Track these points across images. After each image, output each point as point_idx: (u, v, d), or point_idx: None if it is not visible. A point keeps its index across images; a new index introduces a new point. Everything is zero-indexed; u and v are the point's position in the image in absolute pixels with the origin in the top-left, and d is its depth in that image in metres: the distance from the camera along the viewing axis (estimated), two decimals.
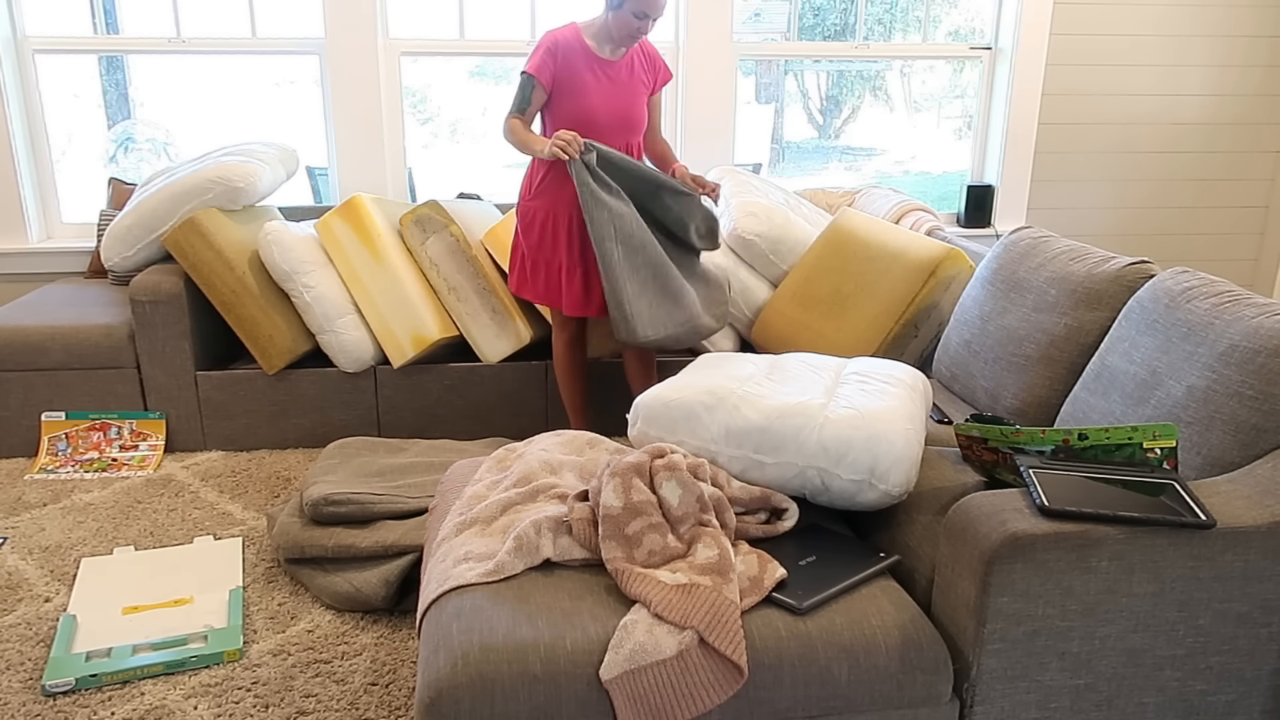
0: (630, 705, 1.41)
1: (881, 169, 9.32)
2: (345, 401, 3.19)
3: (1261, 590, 1.52)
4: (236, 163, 3.20)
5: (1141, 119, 4.17)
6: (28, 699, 1.94)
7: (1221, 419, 1.70)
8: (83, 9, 5.24)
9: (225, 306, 3.05)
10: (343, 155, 3.80)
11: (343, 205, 3.16)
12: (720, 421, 1.81)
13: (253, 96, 8.41)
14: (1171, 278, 1.97)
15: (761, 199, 3.34)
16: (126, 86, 6.89)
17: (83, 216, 4.03)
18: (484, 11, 4.14)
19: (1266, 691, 1.60)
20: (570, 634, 1.46)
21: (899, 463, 1.70)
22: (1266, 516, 1.51)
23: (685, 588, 1.52)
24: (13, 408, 3.09)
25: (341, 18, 3.65)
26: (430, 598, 1.60)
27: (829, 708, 1.49)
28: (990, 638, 1.49)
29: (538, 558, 1.63)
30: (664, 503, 1.65)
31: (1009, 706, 1.54)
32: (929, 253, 2.81)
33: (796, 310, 3.08)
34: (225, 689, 1.97)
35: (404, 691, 1.97)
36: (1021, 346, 2.29)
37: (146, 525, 2.67)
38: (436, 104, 9.95)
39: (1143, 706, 1.57)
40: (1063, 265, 2.29)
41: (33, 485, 2.92)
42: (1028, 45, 3.98)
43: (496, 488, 1.90)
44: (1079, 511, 1.48)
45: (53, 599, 2.30)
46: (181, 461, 3.10)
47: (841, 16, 4.75)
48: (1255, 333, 1.70)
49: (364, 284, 3.10)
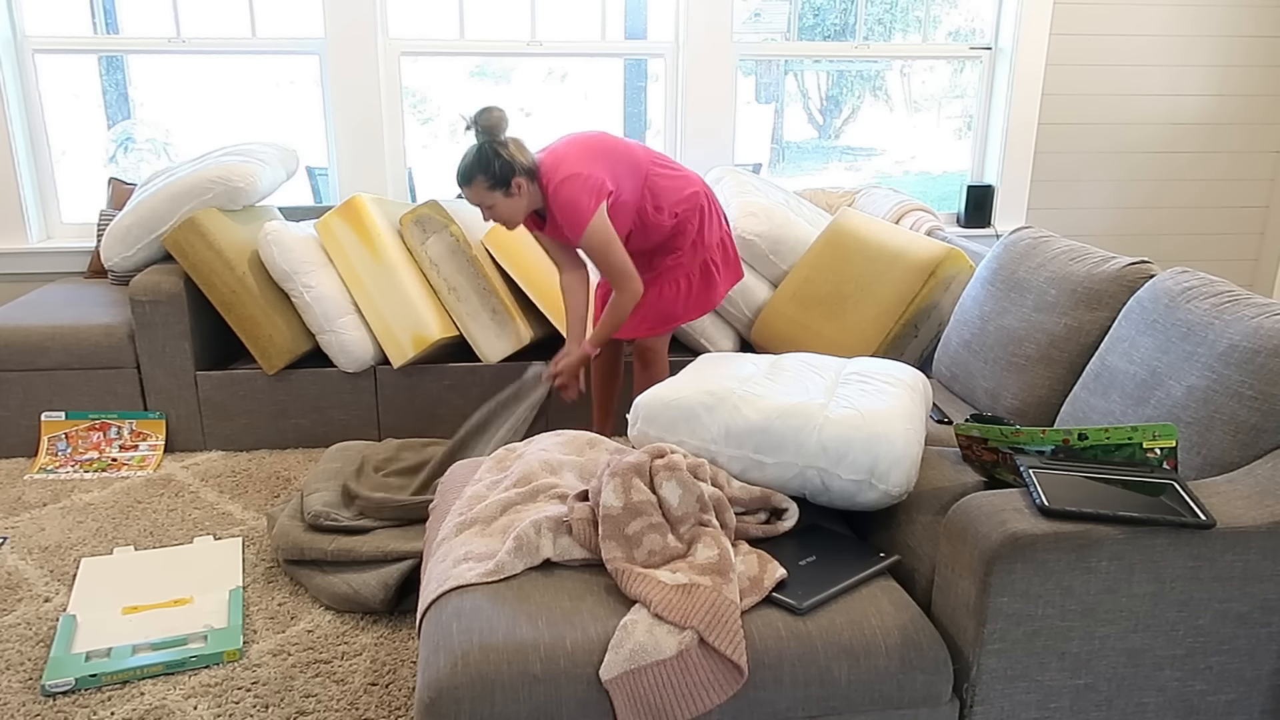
0: (630, 705, 1.41)
1: (881, 169, 9.32)
2: (345, 401, 3.19)
3: (1261, 590, 1.52)
4: (236, 163, 3.20)
5: (1142, 119, 4.17)
6: (27, 699, 1.94)
7: (1221, 419, 1.70)
8: (83, 9, 5.25)
9: (225, 306, 3.05)
10: (343, 155, 3.80)
11: (343, 205, 3.16)
12: (720, 421, 1.81)
13: (253, 96, 8.40)
14: (1171, 278, 1.97)
15: (761, 199, 3.34)
16: (126, 86, 6.89)
17: (83, 216, 4.02)
18: (484, 11, 4.14)
19: (1266, 691, 1.60)
20: (570, 634, 1.46)
21: (899, 463, 1.70)
22: (1266, 516, 1.51)
23: (685, 588, 1.52)
24: (13, 408, 3.09)
25: (341, 18, 3.65)
26: (430, 598, 1.60)
27: (829, 708, 1.49)
28: (990, 638, 1.49)
29: (538, 558, 1.63)
30: (664, 503, 1.65)
31: (1009, 706, 1.54)
32: (929, 253, 2.81)
33: (796, 310, 3.08)
34: (225, 689, 1.97)
35: (404, 691, 1.97)
36: (1021, 346, 2.29)
37: (146, 525, 2.67)
38: (436, 104, 9.94)
39: (1143, 706, 1.57)
40: (1063, 265, 2.29)
41: (33, 485, 2.92)
42: (1027, 45, 3.98)
43: (496, 488, 1.90)
44: (1079, 511, 1.47)
45: (53, 599, 2.30)
46: (181, 461, 3.10)
47: (841, 16, 4.75)
48: (1255, 333, 1.70)
49: (364, 284, 3.10)
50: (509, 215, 2.55)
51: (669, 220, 2.66)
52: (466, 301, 3.15)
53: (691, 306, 2.76)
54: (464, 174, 2.50)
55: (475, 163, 2.48)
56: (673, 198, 2.66)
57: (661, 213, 2.65)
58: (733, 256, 2.83)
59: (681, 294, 2.74)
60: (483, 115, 2.48)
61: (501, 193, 2.50)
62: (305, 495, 2.44)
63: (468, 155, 2.50)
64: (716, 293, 2.79)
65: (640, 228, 2.67)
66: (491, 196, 2.50)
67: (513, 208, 2.53)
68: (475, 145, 2.50)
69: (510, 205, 2.52)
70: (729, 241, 2.82)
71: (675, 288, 2.73)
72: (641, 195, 2.62)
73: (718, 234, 2.76)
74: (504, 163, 2.47)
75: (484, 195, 2.50)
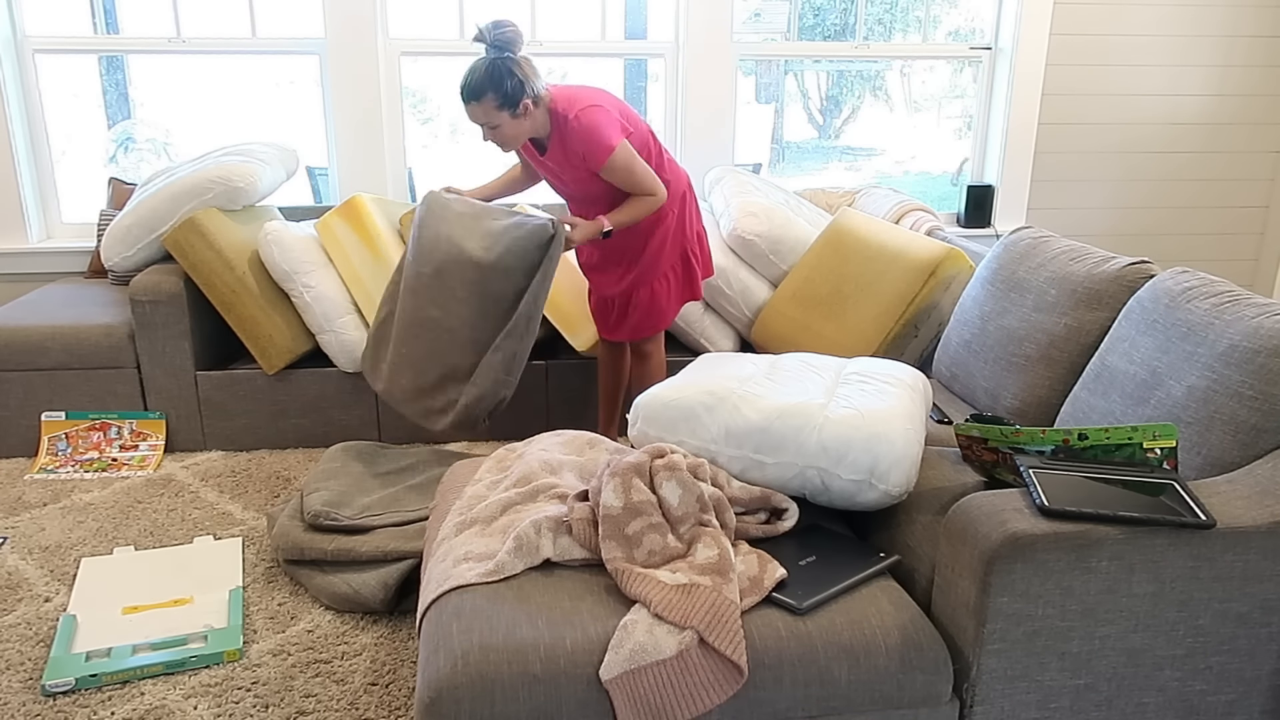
0: (630, 705, 1.41)
1: (881, 169, 9.32)
2: (345, 401, 3.19)
3: (1261, 590, 1.52)
4: (236, 163, 3.20)
5: (1142, 119, 4.17)
6: (28, 699, 1.94)
7: (1221, 419, 1.70)
8: (83, 9, 5.24)
9: (225, 306, 3.05)
10: (343, 155, 3.80)
11: (343, 205, 3.16)
12: (720, 421, 1.81)
13: (253, 96, 8.39)
14: (1171, 278, 1.97)
15: (761, 199, 3.34)
16: (126, 86, 6.88)
17: (83, 216, 4.03)
18: (484, 11, 4.14)
19: (1266, 691, 1.60)
20: (570, 634, 1.46)
21: (899, 463, 1.70)
22: (1266, 516, 1.51)
23: (685, 588, 1.52)
24: (13, 408, 3.09)
25: (341, 18, 3.65)
26: (430, 598, 1.60)
27: (829, 708, 1.49)
28: (990, 638, 1.49)
29: (538, 558, 1.63)
30: (664, 503, 1.65)
31: (1009, 706, 1.54)
32: (929, 253, 2.81)
33: (796, 310, 3.08)
34: (225, 689, 1.97)
35: (404, 691, 1.97)
36: (1021, 346, 2.29)
37: (146, 525, 2.67)
38: (436, 104, 9.94)
39: (1143, 706, 1.57)
40: (1063, 265, 2.29)
41: (33, 485, 2.92)
42: (1027, 45, 3.98)
43: (496, 488, 1.90)
44: (1079, 511, 1.48)
45: (53, 599, 2.30)
46: (181, 461, 3.10)
47: (841, 16, 4.75)
48: (1255, 333, 1.70)
49: (364, 284, 3.10)
50: (511, 137, 2.47)
51: None
52: None
53: (679, 298, 2.81)
54: (473, 89, 2.37)
55: (486, 78, 2.36)
56: (663, 176, 2.69)
57: None
58: (705, 251, 2.88)
59: (672, 289, 2.77)
60: (498, 29, 2.35)
61: (509, 113, 2.40)
62: (305, 495, 2.43)
63: (477, 69, 2.37)
64: (698, 283, 2.84)
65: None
66: (499, 116, 2.41)
67: (517, 129, 2.45)
68: (487, 59, 2.37)
69: (515, 127, 2.44)
70: (703, 235, 2.88)
71: (665, 283, 2.75)
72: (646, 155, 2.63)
73: (695, 227, 2.81)
74: (517, 82, 2.37)
75: (491, 114, 2.40)
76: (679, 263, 2.77)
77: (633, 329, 2.79)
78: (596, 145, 2.45)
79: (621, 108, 2.62)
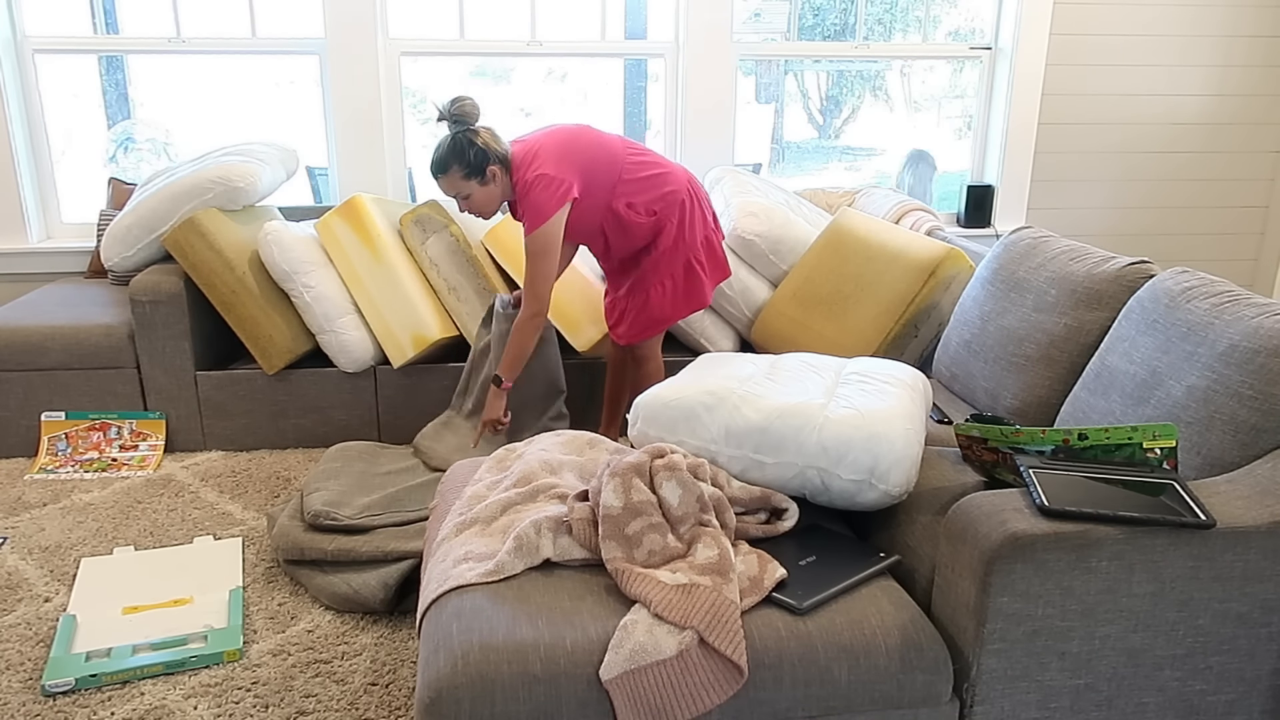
0: (630, 705, 1.41)
1: (882, 169, 9.31)
2: (345, 401, 3.19)
3: (1261, 590, 1.52)
4: (236, 163, 3.20)
5: (1141, 119, 4.17)
6: (28, 699, 1.94)
7: (1221, 419, 1.70)
8: (83, 9, 5.24)
9: (225, 306, 3.04)
10: (343, 155, 3.80)
11: (343, 205, 3.16)
12: (720, 421, 1.81)
13: (253, 96, 8.38)
14: (1171, 278, 1.97)
15: (761, 199, 3.34)
16: (126, 86, 6.88)
17: (83, 216, 4.02)
18: (484, 11, 4.14)
19: (1266, 691, 1.60)
20: (570, 634, 1.46)
21: (899, 463, 1.70)
22: (1266, 516, 1.51)
23: (685, 588, 1.52)
24: (13, 408, 3.09)
25: (341, 18, 3.65)
26: (430, 598, 1.60)
27: (829, 708, 1.49)
28: (990, 638, 1.49)
29: (538, 558, 1.63)
30: (664, 503, 1.65)
31: (1009, 706, 1.54)
32: (929, 253, 2.81)
33: (796, 310, 3.08)
34: (225, 689, 1.97)
35: (404, 691, 1.97)
36: (1021, 346, 2.29)
37: (146, 525, 2.67)
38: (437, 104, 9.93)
39: (1143, 706, 1.57)
40: (1063, 265, 2.28)
41: (33, 485, 2.92)
42: (1027, 45, 3.98)
43: (496, 488, 1.90)
44: (1079, 511, 1.47)
45: (53, 599, 2.30)
46: (181, 461, 3.10)
47: (841, 16, 4.74)
48: (1255, 333, 1.70)
49: (364, 284, 3.10)
50: (484, 204, 2.55)
51: (645, 218, 2.65)
52: (466, 302, 3.15)
53: (679, 306, 2.76)
54: (439, 164, 2.50)
55: (450, 152, 2.48)
56: (648, 195, 2.64)
57: (636, 210, 2.63)
58: (720, 254, 2.81)
59: (668, 295, 2.73)
60: (455, 104, 2.48)
61: (477, 181, 2.50)
62: (305, 495, 2.44)
63: (441, 145, 2.50)
64: (703, 291, 2.77)
65: (617, 227, 2.65)
66: (467, 185, 2.51)
67: (488, 196, 2.54)
68: (449, 135, 2.49)
69: (485, 194, 2.53)
70: (715, 239, 2.79)
71: (661, 289, 2.72)
72: (612, 193, 2.60)
73: (702, 232, 2.74)
74: (479, 151, 2.47)
75: (459, 184, 2.51)
76: (679, 270, 2.73)
77: (628, 332, 2.79)
78: (533, 217, 2.50)
79: (588, 154, 2.57)
